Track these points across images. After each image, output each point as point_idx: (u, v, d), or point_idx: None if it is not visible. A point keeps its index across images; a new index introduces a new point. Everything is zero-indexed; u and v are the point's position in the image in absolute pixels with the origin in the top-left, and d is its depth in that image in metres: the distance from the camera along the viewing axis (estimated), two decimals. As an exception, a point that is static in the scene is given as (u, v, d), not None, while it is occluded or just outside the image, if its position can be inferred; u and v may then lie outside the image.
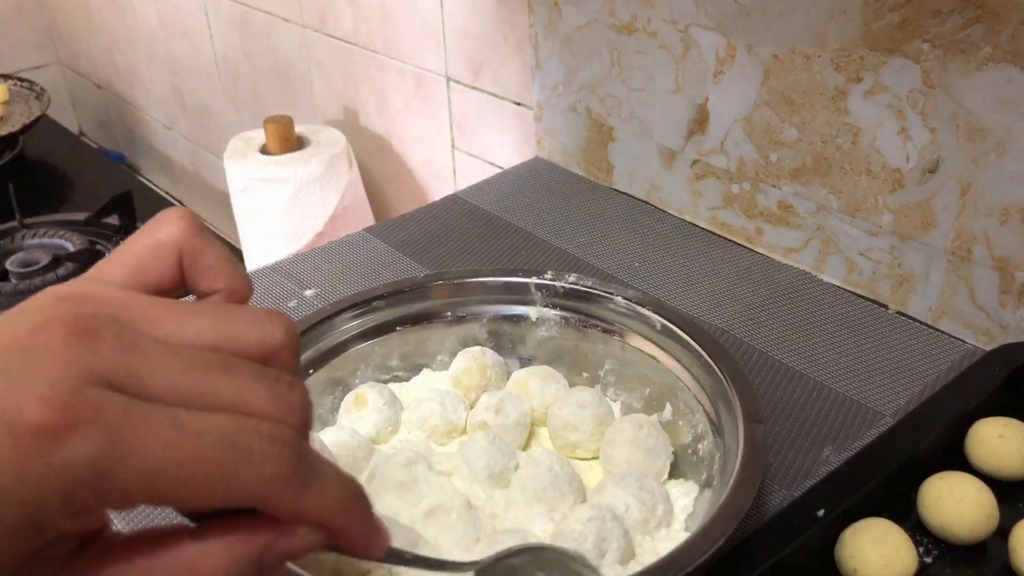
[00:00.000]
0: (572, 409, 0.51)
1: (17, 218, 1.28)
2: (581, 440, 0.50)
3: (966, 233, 0.59)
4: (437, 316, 0.56)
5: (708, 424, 0.48)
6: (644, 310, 0.52)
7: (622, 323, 0.53)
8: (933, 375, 0.58)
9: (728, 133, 0.71)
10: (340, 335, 0.54)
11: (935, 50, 0.56)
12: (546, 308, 0.55)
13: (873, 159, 0.62)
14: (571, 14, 0.78)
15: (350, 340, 0.55)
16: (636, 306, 0.53)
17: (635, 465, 0.48)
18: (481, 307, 0.56)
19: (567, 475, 0.47)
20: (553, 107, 0.85)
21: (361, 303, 0.55)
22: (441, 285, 0.56)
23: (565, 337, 0.55)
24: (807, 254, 0.69)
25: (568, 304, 0.55)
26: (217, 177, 1.66)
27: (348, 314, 0.54)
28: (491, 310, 0.56)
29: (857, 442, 0.53)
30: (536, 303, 0.56)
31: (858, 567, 0.42)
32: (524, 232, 0.76)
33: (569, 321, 0.55)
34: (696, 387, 0.49)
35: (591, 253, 0.73)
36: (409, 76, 1.09)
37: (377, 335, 0.55)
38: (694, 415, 0.49)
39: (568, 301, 0.55)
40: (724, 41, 0.68)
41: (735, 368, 0.47)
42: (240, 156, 1.10)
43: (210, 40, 1.47)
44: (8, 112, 1.49)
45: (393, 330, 0.56)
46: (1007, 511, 0.45)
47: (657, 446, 0.48)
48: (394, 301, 0.55)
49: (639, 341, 0.53)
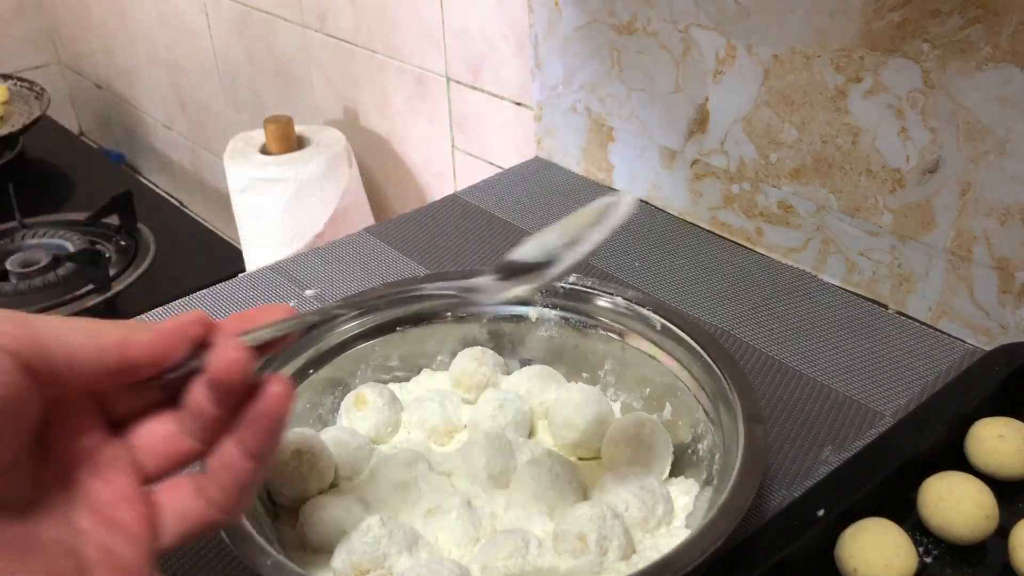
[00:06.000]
0: (573, 408, 0.51)
1: (17, 218, 1.28)
2: (582, 439, 0.50)
3: (966, 233, 0.59)
4: (437, 316, 0.56)
5: (708, 424, 0.48)
6: (644, 310, 0.52)
7: (622, 323, 0.53)
8: (933, 375, 0.58)
9: (728, 133, 0.71)
10: (340, 335, 0.54)
11: (935, 50, 0.56)
12: (546, 308, 0.55)
13: (873, 159, 0.62)
14: (571, 14, 0.78)
15: (350, 340, 0.55)
16: (636, 306, 0.53)
17: (637, 463, 0.48)
18: (481, 307, 0.56)
19: (567, 475, 0.47)
20: (553, 107, 0.85)
21: (360, 303, 0.55)
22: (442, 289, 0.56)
23: (565, 337, 0.55)
24: (807, 254, 0.69)
25: (568, 304, 0.55)
26: (217, 177, 1.66)
27: (348, 314, 0.54)
28: (491, 310, 0.56)
29: (857, 442, 0.53)
30: (536, 303, 0.55)
31: (858, 567, 0.42)
32: (524, 232, 0.76)
33: (569, 321, 0.55)
34: (696, 387, 0.49)
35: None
36: (409, 76, 1.09)
37: (378, 335, 0.55)
38: (694, 415, 0.49)
39: (568, 301, 0.55)
40: (724, 41, 0.68)
41: (735, 368, 0.47)
42: (240, 156, 1.10)
43: (210, 40, 1.47)
44: (8, 112, 1.49)
45: (393, 330, 0.56)
46: (1007, 511, 0.45)
47: (658, 444, 0.48)
48: (394, 301, 0.55)
49: (639, 341, 0.53)
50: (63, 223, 1.29)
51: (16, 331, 0.29)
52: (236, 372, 0.32)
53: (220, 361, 0.32)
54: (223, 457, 0.33)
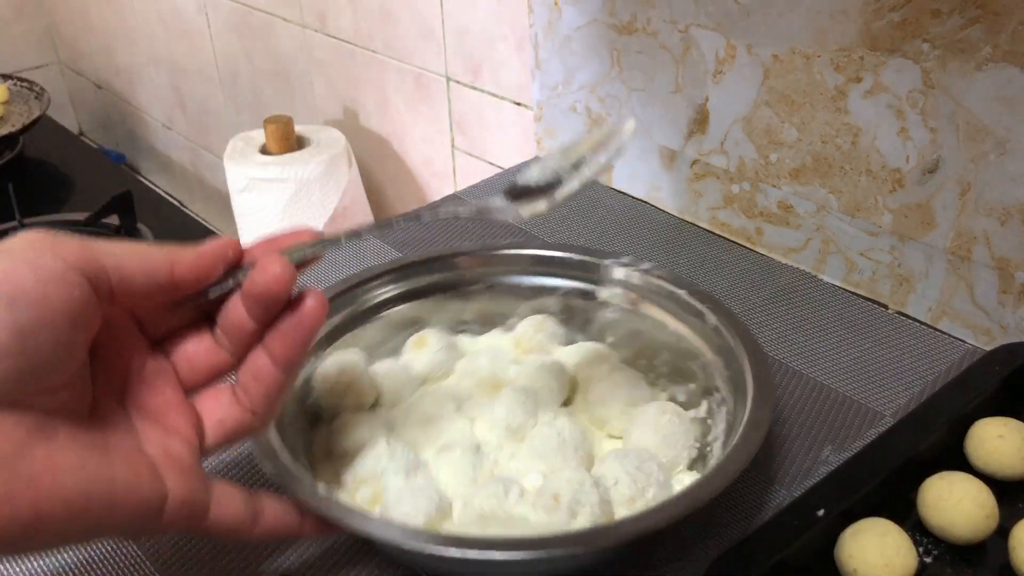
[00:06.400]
0: (608, 386, 0.52)
1: (17, 218, 1.28)
2: (610, 417, 0.52)
3: (966, 233, 0.59)
4: (517, 285, 0.59)
5: (725, 426, 0.48)
6: (701, 306, 0.53)
7: (683, 318, 0.54)
8: (933, 375, 0.58)
9: (728, 133, 0.71)
10: (427, 283, 0.58)
11: (935, 50, 0.56)
12: (616, 290, 0.57)
13: (873, 159, 0.62)
14: (571, 14, 0.78)
15: (434, 288, 0.58)
16: (695, 302, 0.53)
17: (650, 448, 0.48)
18: (557, 280, 0.58)
19: (574, 442, 0.49)
20: (553, 107, 0.85)
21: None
22: (523, 256, 0.59)
23: (628, 322, 0.57)
24: (807, 254, 0.69)
25: (637, 290, 0.56)
26: (217, 177, 1.66)
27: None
28: (566, 285, 0.58)
29: (857, 442, 0.53)
30: (608, 284, 0.57)
31: (858, 567, 0.42)
32: (524, 232, 0.76)
33: (635, 307, 0.56)
34: (727, 392, 0.50)
35: (591, 253, 0.73)
36: (409, 76, 1.09)
37: (460, 288, 0.59)
38: (724, 413, 0.49)
39: (638, 288, 0.56)
40: (724, 41, 0.68)
41: (766, 380, 0.47)
42: (240, 156, 1.10)
43: (210, 40, 1.47)
44: (8, 112, 1.49)
45: (475, 287, 0.59)
46: (1007, 511, 0.45)
47: (675, 434, 0.49)
48: (485, 262, 0.59)
49: (693, 337, 0.53)
50: (63, 223, 1.29)
51: (81, 252, 0.33)
52: (281, 284, 0.35)
53: (264, 275, 0.35)
54: (255, 367, 0.37)
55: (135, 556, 0.46)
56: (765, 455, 0.52)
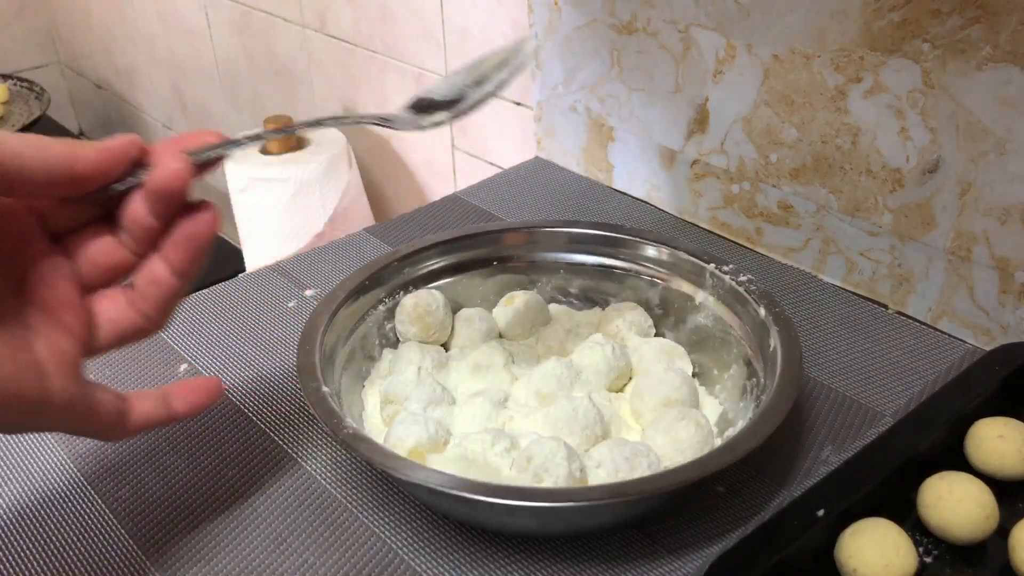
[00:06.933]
0: (652, 382, 0.53)
1: (17, 218, 1.28)
2: (643, 411, 0.53)
3: (966, 233, 0.59)
4: (629, 272, 0.61)
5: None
6: (773, 325, 0.52)
7: (759, 336, 0.53)
8: (933, 375, 0.58)
9: (728, 133, 0.71)
10: (551, 251, 0.62)
11: (935, 50, 0.56)
12: (711, 296, 0.58)
13: (873, 159, 0.62)
14: (571, 14, 0.78)
15: (548, 256, 0.62)
16: (769, 318, 0.53)
17: (657, 448, 0.49)
18: (659, 276, 0.60)
19: (587, 422, 0.50)
20: (553, 107, 0.85)
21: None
22: (642, 243, 0.61)
23: (715, 330, 0.57)
24: (807, 254, 0.69)
25: (728, 301, 0.56)
26: (217, 177, 1.65)
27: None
28: (667, 283, 0.60)
29: (857, 442, 0.53)
30: (705, 288, 0.58)
31: (858, 567, 0.42)
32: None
33: (723, 318, 0.57)
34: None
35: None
36: (409, 76, 1.09)
37: (576, 266, 0.62)
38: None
39: (730, 298, 0.56)
40: (724, 41, 0.68)
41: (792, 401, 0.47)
42: (240, 156, 1.10)
43: (210, 40, 1.47)
44: (8, 112, 1.50)
45: (595, 269, 0.62)
46: (1007, 511, 0.45)
47: (685, 441, 0.49)
48: (609, 243, 0.61)
49: (754, 356, 0.53)
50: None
51: None
52: (180, 180, 0.36)
53: (164, 171, 0.36)
54: (152, 273, 0.38)
55: (135, 556, 0.46)
56: (765, 455, 0.52)
